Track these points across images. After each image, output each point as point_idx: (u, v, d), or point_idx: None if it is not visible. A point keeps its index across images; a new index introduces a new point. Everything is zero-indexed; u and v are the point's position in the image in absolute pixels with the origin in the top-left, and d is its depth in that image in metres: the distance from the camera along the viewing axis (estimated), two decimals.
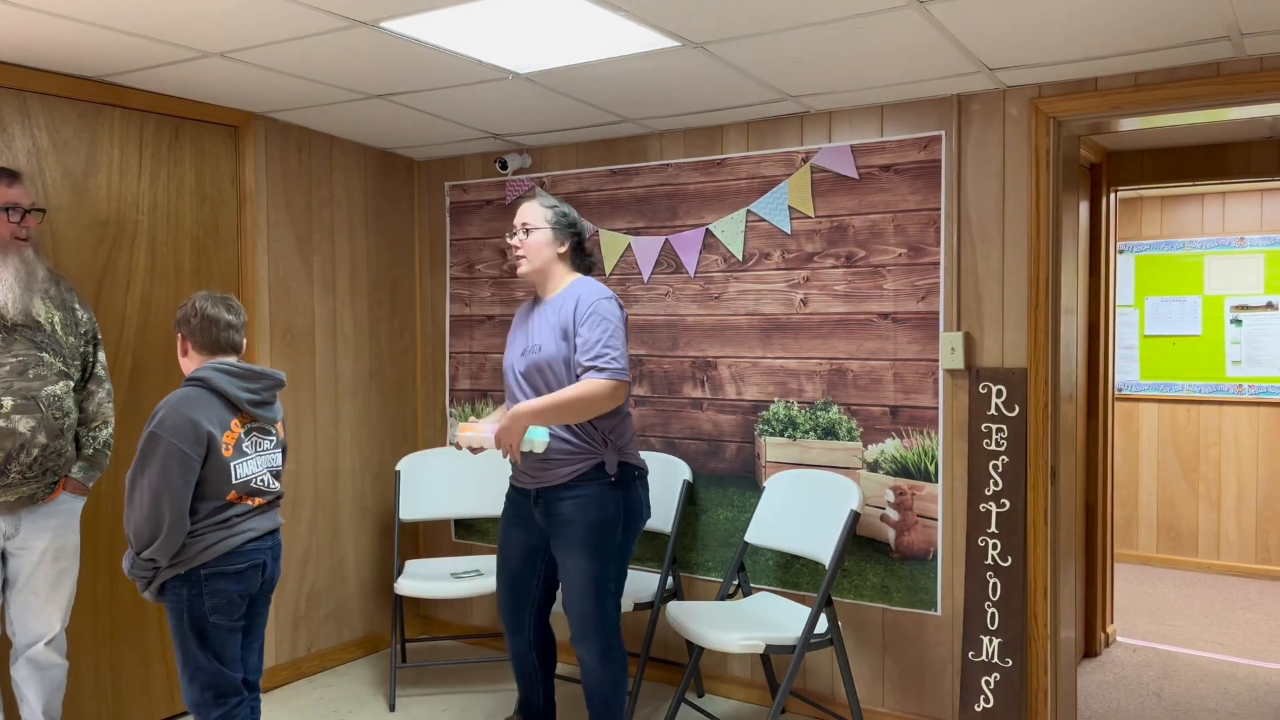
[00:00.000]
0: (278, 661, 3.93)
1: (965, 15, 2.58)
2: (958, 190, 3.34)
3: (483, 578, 3.80)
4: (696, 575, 3.90)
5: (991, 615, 3.27)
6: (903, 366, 3.46)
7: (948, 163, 3.35)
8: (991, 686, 3.25)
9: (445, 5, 2.54)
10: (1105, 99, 3.10)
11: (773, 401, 3.71)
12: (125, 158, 3.42)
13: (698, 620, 3.19)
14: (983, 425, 3.30)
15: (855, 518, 3.18)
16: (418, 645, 4.47)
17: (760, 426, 3.74)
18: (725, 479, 3.83)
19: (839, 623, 3.37)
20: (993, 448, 3.28)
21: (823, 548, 3.26)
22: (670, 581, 3.70)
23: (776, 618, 3.31)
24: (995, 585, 3.26)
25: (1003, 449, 3.26)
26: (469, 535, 4.49)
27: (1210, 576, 5.86)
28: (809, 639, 3.10)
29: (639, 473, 2.98)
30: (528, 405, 2.79)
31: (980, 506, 3.30)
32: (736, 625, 3.17)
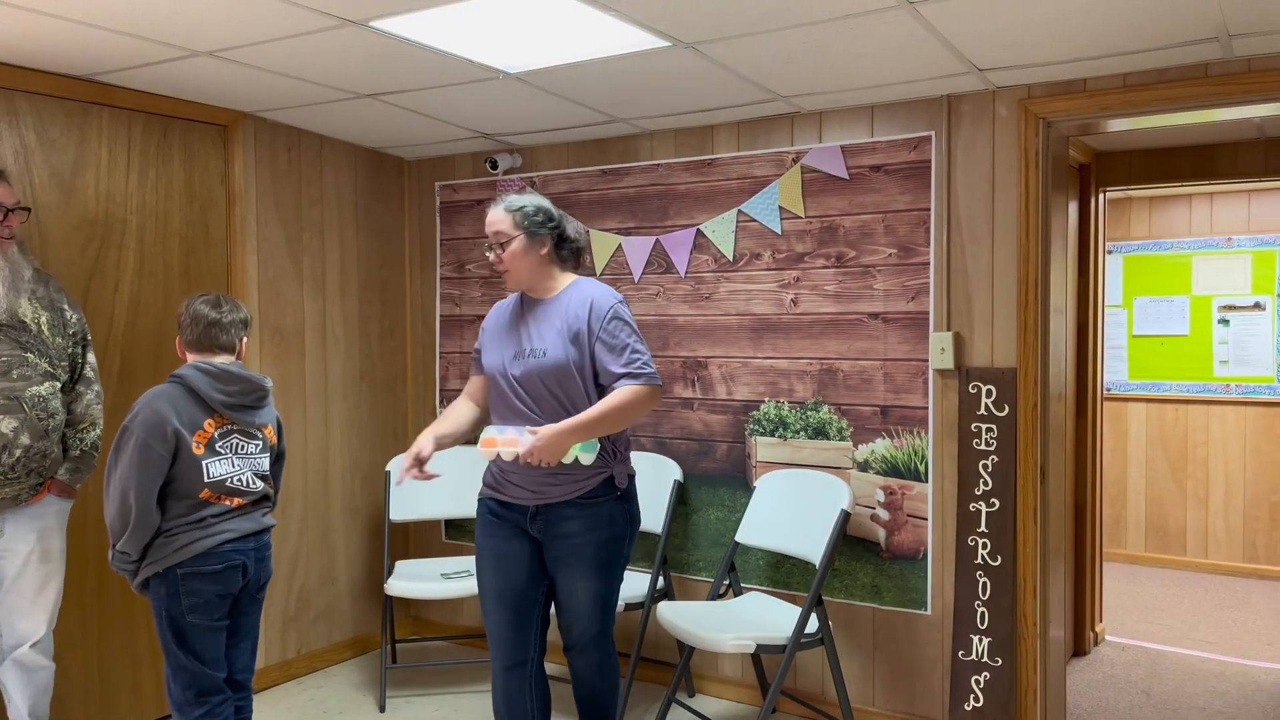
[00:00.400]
0: (267, 663, 3.91)
1: (955, 16, 2.59)
2: (947, 191, 3.35)
3: (473, 578, 3.80)
4: (687, 575, 3.90)
5: (981, 614, 3.28)
6: (893, 366, 3.46)
7: (938, 163, 3.36)
8: (981, 685, 3.26)
9: (435, 4, 2.53)
10: (1094, 100, 3.11)
11: (763, 401, 3.72)
12: (113, 157, 3.40)
13: (689, 620, 3.19)
14: (972, 425, 3.30)
15: (846, 517, 3.19)
16: (408, 646, 4.46)
17: (751, 426, 3.75)
18: (716, 479, 3.83)
19: (829, 622, 3.37)
20: (982, 447, 3.29)
21: (813, 547, 3.26)
22: (661, 581, 3.70)
23: (767, 617, 3.32)
24: (985, 584, 3.27)
25: (992, 448, 3.27)
26: (459, 536, 4.49)
27: (1198, 575, 5.89)
28: (800, 639, 3.10)
29: (632, 480, 2.85)
30: (570, 423, 2.58)
31: (970, 506, 3.31)
32: (727, 625, 3.17)
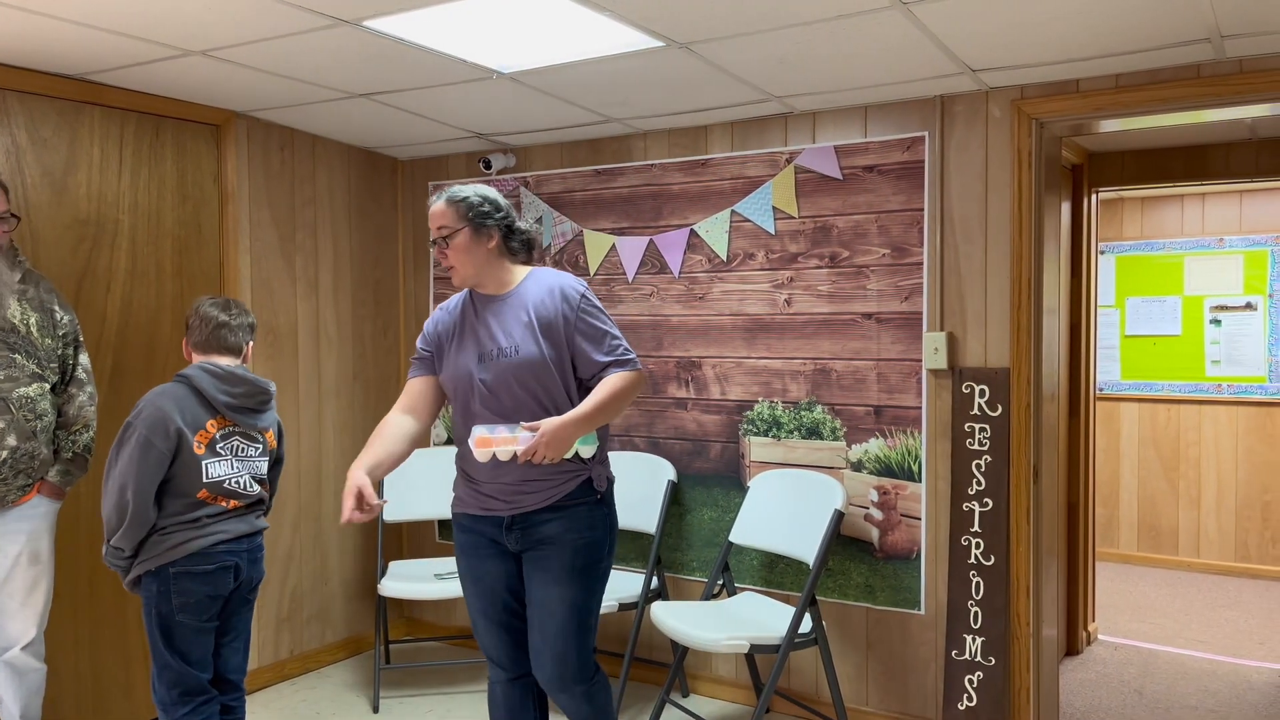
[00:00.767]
0: (260, 663, 3.90)
1: (948, 16, 2.59)
2: (941, 191, 3.36)
3: None
4: (681, 575, 3.90)
5: (974, 614, 3.28)
6: (886, 366, 3.47)
7: (931, 163, 3.36)
8: (975, 685, 3.26)
9: (428, 4, 2.53)
10: (1087, 100, 3.12)
11: (757, 401, 3.72)
12: (105, 156, 3.39)
13: (682, 620, 3.19)
14: (966, 425, 3.31)
15: (839, 517, 3.19)
16: (402, 646, 4.46)
17: (745, 426, 3.75)
18: (710, 479, 3.83)
19: (823, 622, 3.37)
20: (976, 447, 3.29)
21: (807, 547, 3.26)
22: (655, 582, 3.70)
23: (761, 617, 3.32)
24: (978, 584, 3.28)
25: (985, 448, 3.28)
26: (452, 536, 4.48)
27: (1190, 575, 5.91)
28: (793, 639, 3.10)
29: (611, 484, 2.70)
30: (575, 414, 2.45)
31: (963, 506, 3.31)
32: (721, 625, 3.17)
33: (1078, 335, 4.38)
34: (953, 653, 3.32)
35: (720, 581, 3.55)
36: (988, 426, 3.27)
